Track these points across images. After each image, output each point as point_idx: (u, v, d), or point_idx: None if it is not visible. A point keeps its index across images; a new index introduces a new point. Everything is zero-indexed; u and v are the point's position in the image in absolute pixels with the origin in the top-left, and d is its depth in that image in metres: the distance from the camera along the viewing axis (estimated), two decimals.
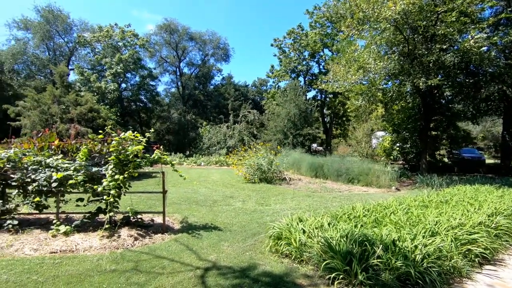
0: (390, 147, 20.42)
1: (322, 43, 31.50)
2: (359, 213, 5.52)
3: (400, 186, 13.09)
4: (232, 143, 26.93)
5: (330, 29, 31.57)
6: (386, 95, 16.77)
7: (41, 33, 29.56)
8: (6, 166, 5.80)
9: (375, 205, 6.56)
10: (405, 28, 12.34)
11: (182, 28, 38.08)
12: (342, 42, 16.78)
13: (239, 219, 6.85)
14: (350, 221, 5.02)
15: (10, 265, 4.23)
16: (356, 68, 12.78)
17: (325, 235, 4.22)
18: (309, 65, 34.39)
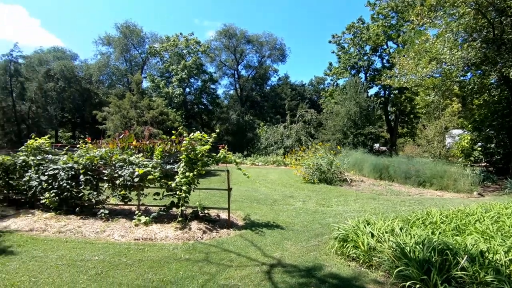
0: (469, 147, 17.98)
1: (386, 36, 29.34)
2: (435, 219, 5.02)
3: (483, 191, 11.46)
4: (289, 143, 26.86)
5: (395, 20, 29.21)
6: (464, 88, 14.83)
7: (120, 47, 33.75)
8: (99, 163, 6.78)
9: (455, 211, 5.87)
10: (489, 11, 10.76)
11: (240, 32, 39.40)
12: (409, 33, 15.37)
13: (300, 219, 6.82)
14: (426, 227, 4.60)
15: (104, 248, 4.92)
16: (427, 60, 11.58)
17: (397, 241, 3.94)
18: (370, 60, 32.36)
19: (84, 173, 6.64)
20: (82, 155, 6.89)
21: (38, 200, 7.03)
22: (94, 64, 35.06)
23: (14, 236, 5.53)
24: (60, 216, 6.65)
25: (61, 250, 4.78)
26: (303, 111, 30.03)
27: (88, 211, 6.78)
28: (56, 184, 6.75)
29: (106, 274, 3.91)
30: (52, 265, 4.18)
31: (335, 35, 33.75)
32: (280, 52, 41.77)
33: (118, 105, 16.46)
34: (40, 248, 4.86)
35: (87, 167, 6.70)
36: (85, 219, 6.50)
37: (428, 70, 11.46)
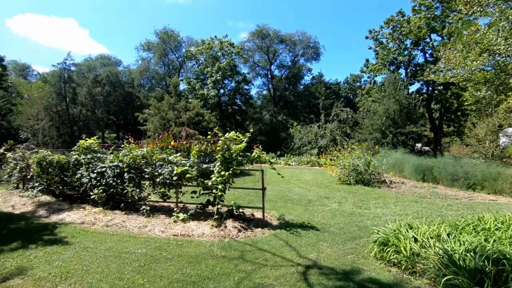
0: None
1: (429, 28, 27.41)
2: (489, 225, 4.58)
3: None
4: (323, 143, 26.27)
5: (440, 10, 27.21)
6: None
7: (159, 52, 35.55)
8: (141, 162, 7.19)
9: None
10: None
11: (273, 32, 39.37)
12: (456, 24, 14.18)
13: (336, 221, 6.63)
14: (477, 234, 4.22)
15: (146, 242, 5.20)
16: (477, 52, 10.60)
17: (444, 247, 3.66)
18: (411, 54, 30.45)
19: (128, 171, 7.09)
20: (126, 155, 7.35)
21: (88, 195, 7.63)
22: (136, 69, 37.34)
23: (68, 228, 6.07)
24: (107, 211, 7.16)
25: (109, 243, 5.14)
26: (338, 110, 29.20)
27: (131, 207, 7.22)
28: (104, 181, 7.29)
29: (148, 267, 4.13)
30: (101, 256, 4.52)
31: (373, 30, 32.31)
32: (313, 51, 41.02)
33: (157, 107, 17.33)
34: (91, 240, 5.28)
35: (130, 166, 7.14)
36: (129, 214, 6.93)
37: (478, 63, 10.47)
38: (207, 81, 32.47)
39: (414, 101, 24.63)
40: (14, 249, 4.82)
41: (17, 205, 8.15)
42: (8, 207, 8.08)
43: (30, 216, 7.09)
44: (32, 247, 4.89)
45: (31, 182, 9.36)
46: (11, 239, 5.29)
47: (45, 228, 6.00)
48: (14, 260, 4.40)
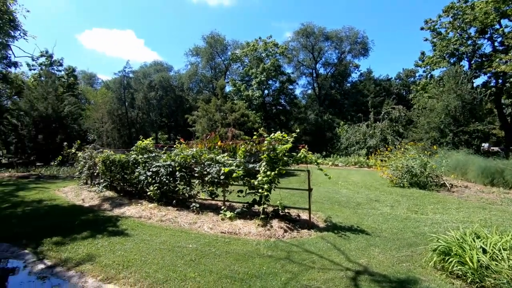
0: None
1: (498, 13, 24.26)
2: None
3: None
4: (373, 143, 24.88)
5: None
6: None
7: (206, 56, 37.16)
8: (191, 161, 7.57)
9: None
10: None
11: (318, 29, 38.49)
12: None
13: (388, 225, 6.23)
14: None
15: (196, 237, 5.46)
16: None
17: None
18: (476, 44, 27.25)
19: (179, 170, 7.52)
20: (177, 154, 7.81)
21: (145, 192, 8.27)
22: (185, 73, 39.51)
23: (128, 221, 6.64)
24: (161, 206, 7.68)
25: (163, 236, 5.50)
26: (389, 107, 27.42)
27: (182, 204, 7.64)
28: (158, 179, 7.83)
29: (199, 262, 4.32)
30: (156, 249, 4.85)
31: (429, 20, 29.64)
32: (362, 46, 39.13)
33: (205, 109, 18.10)
34: (147, 233, 5.71)
35: (181, 165, 7.57)
36: (180, 210, 7.35)
37: None
38: (252, 82, 32.98)
39: (480, 96, 22.02)
40: (85, 238, 5.43)
41: (86, 199, 9.16)
42: (79, 200, 9.13)
43: (96, 209, 7.92)
44: (99, 237, 5.45)
45: (97, 178, 10.46)
46: (82, 229, 5.96)
47: (109, 220, 6.65)
48: (85, 247, 4.95)
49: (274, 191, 6.70)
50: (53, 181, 13.60)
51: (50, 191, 10.84)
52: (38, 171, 16.94)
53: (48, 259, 4.59)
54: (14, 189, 11.49)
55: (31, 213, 7.59)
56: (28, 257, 4.76)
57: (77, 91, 33.81)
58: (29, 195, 9.94)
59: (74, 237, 5.47)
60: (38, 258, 4.65)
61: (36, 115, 20.56)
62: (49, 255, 4.68)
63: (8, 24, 10.87)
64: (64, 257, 4.58)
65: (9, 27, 10.91)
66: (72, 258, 4.54)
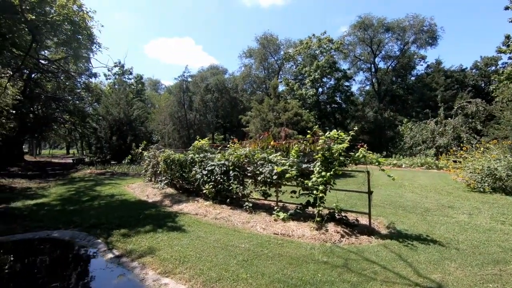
0: None
1: None
2: None
3: None
4: (443, 142, 22.20)
5: None
6: None
7: (260, 57, 37.55)
8: (244, 161, 7.61)
9: None
10: None
11: (377, 20, 35.87)
12: None
13: (467, 236, 5.37)
14: None
15: (249, 237, 5.42)
16: None
17: None
18: None
19: (233, 169, 7.62)
20: (231, 154, 7.92)
21: (201, 190, 8.59)
22: (239, 75, 40.51)
23: (186, 217, 6.95)
24: (216, 205, 7.89)
25: (217, 234, 5.60)
26: (463, 101, 24.17)
27: (236, 203, 7.73)
28: (213, 178, 8.06)
29: (251, 263, 4.25)
30: (210, 246, 4.94)
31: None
32: (429, 35, 35.23)
33: (258, 109, 18.24)
34: (202, 230, 5.87)
35: (235, 164, 7.66)
36: (234, 209, 7.44)
37: None
38: (305, 80, 32.26)
39: None
40: (147, 232, 5.82)
41: (150, 195, 9.92)
42: (144, 196, 9.93)
43: (158, 205, 8.50)
44: (159, 231, 5.79)
45: (160, 176, 11.25)
46: (145, 223, 6.42)
47: (168, 216, 7.06)
48: (147, 240, 5.30)
49: (330, 193, 6.34)
50: (123, 178, 15.10)
51: (121, 187, 12.04)
52: (112, 169, 19.04)
53: (116, 249, 5.02)
54: (93, 184, 13.07)
55: (105, 206, 8.48)
56: (101, 246, 5.27)
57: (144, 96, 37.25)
58: (104, 190, 11.18)
59: (138, 230, 5.91)
60: (108, 247, 5.12)
61: (111, 119, 23.17)
62: (117, 246, 5.12)
63: (87, 39, 12.42)
64: (130, 248, 4.95)
65: (87, 41, 12.44)
66: (135, 250, 4.88)
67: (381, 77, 39.30)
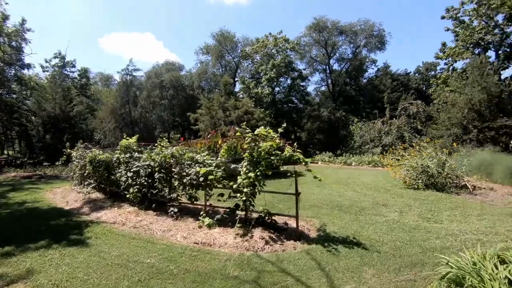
0: None
1: None
2: None
3: None
4: (388, 141, 23.38)
5: None
6: None
7: (216, 54, 36.54)
8: (170, 161, 6.86)
9: None
10: None
11: (332, 23, 36.94)
12: None
13: (392, 237, 5.24)
14: None
15: (162, 249, 4.73)
16: None
17: None
18: (504, 32, 25.03)
19: (158, 170, 6.83)
20: (158, 154, 7.13)
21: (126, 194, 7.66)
22: (195, 72, 39.12)
23: (99, 227, 6.02)
24: (141, 211, 7.04)
25: (124, 248, 4.82)
26: (406, 103, 25.76)
27: (163, 209, 6.95)
28: (139, 181, 7.19)
29: (147, 283, 3.58)
30: (108, 264, 4.16)
31: (451, 8, 27.55)
32: (378, 40, 37.18)
33: (208, 106, 17.49)
34: (109, 243, 5.04)
35: (161, 165, 6.88)
36: (159, 215, 6.67)
37: None
38: (262, 79, 32.08)
39: (509, 89, 20.08)
40: (39, 248, 4.83)
41: (71, 201, 8.70)
42: (63, 202, 8.68)
43: (75, 213, 7.39)
44: (54, 247, 4.85)
45: (88, 179, 9.99)
46: (43, 236, 5.39)
47: (77, 227, 6.06)
48: (31, 260, 4.34)
49: (263, 195, 5.90)
50: (51, 182, 13.40)
51: (41, 192, 10.54)
52: (43, 171, 16.94)
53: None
54: (8, 189, 11.31)
55: (6, 216, 7.16)
56: None
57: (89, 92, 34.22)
58: (17, 197, 9.64)
59: (27, 246, 4.89)
60: None
61: (45, 115, 20.70)
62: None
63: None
64: (1, 272, 3.98)
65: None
66: (8, 274, 3.92)
67: (336, 79, 40.62)
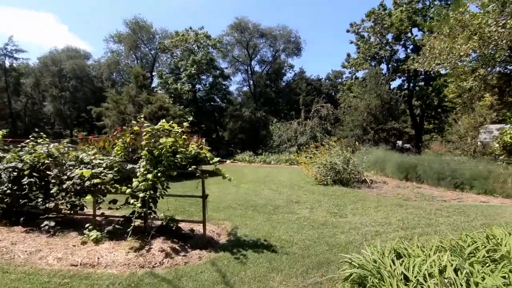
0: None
1: (410, 22, 26.69)
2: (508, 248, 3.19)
3: None
4: (303, 140, 24.99)
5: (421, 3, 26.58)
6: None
7: (130, 43, 33.05)
8: (47, 162, 5.41)
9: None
10: None
11: (253, 25, 37.75)
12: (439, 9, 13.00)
13: (302, 235, 5.15)
14: (497, 266, 2.82)
15: (17, 281, 3.51)
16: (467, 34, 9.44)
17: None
18: (393, 49, 29.73)
19: (29, 174, 5.31)
20: (31, 153, 5.57)
21: None
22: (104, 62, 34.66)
23: None
24: (4, 227, 5.38)
25: None
26: (318, 106, 28.02)
27: (36, 223, 5.44)
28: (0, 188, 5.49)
29: None
30: None
31: (354, 24, 31.33)
32: (295, 46, 39.74)
33: (115, 100, 15.40)
34: None
35: (34, 167, 5.37)
36: (29, 232, 5.18)
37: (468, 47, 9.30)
38: (182, 75, 30.47)
39: (396, 97, 23.79)
40: None
41: None
42: None
43: None
44: None
45: None
46: None
47: None
48: None
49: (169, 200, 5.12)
50: None
51: None
52: None
53: None
54: None
55: None
56: None
57: None
58: None
59: None
60: None
61: None
62: None
63: None
64: None
65: None
66: None
67: (257, 80, 41.70)
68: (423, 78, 29.72)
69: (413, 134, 32.25)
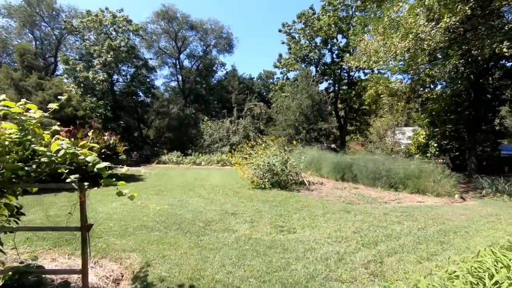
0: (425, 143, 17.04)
1: (337, 28, 28.00)
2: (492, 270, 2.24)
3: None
4: (236, 140, 23.71)
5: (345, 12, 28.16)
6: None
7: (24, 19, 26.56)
8: None
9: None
10: None
11: (182, 15, 34.85)
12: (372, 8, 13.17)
13: (245, 270, 3.64)
14: None
15: None
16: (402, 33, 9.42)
17: None
18: (321, 53, 30.87)
19: None
20: None
21: None
22: None
23: None
24: None
25: None
26: (251, 104, 27.17)
27: None
28: None
29: None
30: None
31: (286, 24, 31.50)
32: (227, 42, 38.25)
33: None
34: None
35: None
36: None
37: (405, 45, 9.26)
38: (95, 62, 25.85)
39: (325, 98, 24.48)
40: None
41: None
42: None
43: None
44: None
45: None
46: None
47: None
48: None
49: None
50: None
51: None
52: None
53: None
54: None
55: None
56: None
57: None
58: None
59: None
60: None
61: None
62: None
63: None
64: None
65: None
66: None
67: (186, 75, 38.85)
68: (347, 82, 31.71)
69: (338, 134, 34.25)
